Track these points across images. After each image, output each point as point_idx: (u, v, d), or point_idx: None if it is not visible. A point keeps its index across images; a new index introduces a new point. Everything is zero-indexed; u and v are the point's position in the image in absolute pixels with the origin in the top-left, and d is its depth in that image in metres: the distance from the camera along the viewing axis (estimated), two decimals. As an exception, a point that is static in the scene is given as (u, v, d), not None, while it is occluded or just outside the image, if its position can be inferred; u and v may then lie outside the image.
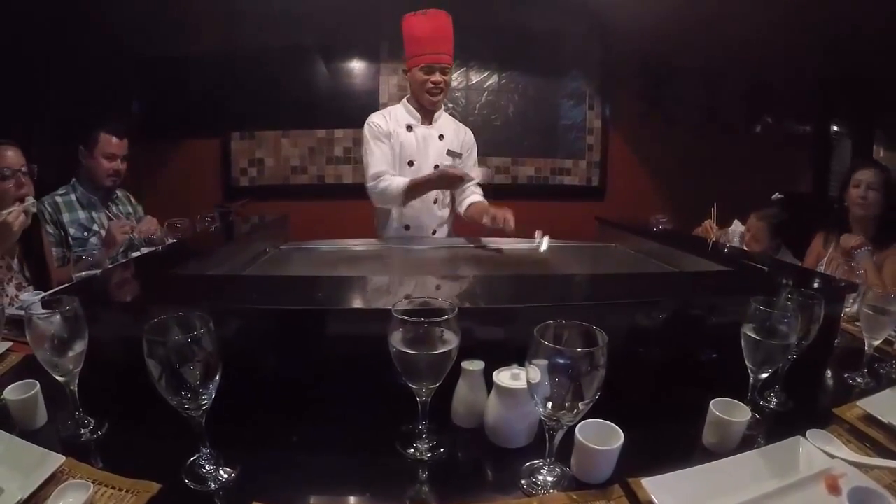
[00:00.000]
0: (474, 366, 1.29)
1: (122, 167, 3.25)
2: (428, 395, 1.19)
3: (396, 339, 1.12)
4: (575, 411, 1.04)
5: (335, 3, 4.80)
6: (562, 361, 1.01)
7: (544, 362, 1.02)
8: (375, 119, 3.16)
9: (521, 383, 1.16)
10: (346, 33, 5.02)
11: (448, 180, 2.95)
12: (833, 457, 1.18)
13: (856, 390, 1.61)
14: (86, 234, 3.12)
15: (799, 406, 1.48)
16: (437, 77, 3.04)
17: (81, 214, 3.15)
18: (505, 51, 5.25)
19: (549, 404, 1.04)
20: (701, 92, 5.55)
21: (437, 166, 3.12)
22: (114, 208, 3.35)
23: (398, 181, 3.01)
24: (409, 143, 3.15)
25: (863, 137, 5.91)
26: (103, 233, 3.10)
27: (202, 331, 1.05)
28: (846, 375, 1.69)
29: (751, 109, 5.77)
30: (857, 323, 1.87)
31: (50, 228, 3.03)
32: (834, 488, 1.10)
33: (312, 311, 1.45)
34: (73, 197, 3.16)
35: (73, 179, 3.23)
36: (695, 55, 5.31)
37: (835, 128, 6.13)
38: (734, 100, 5.62)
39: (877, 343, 1.69)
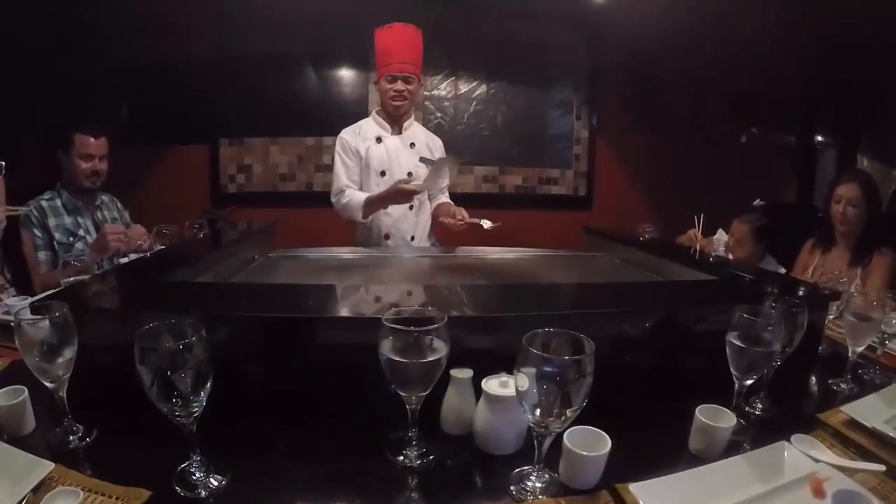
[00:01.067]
0: (463, 374, 1.30)
1: (101, 167, 3.19)
2: (417, 403, 1.19)
3: (386, 348, 1.13)
4: (563, 418, 1.05)
5: (325, 11, 4.80)
6: (550, 369, 1.02)
7: (532, 370, 1.03)
8: (345, 135, 3.27)
9: (510, 391, 1.17)
10: (336, 41, 5.02)
11: (400, 195, 2.98)
12: (818, 461, 1.20)
13: (840, 396, 1.63)
14: (71, 239, 3.08)
15: (784, 412, 1.49)
16: (400, 85, 3.10)
17: (67, 220, 3.11)
18: (493, 61, 5.26)
19: (538, 411, 1.05)
20: (687, 102, 5.58)
21: (410, 174, 3.21)
22: (99, 214, 3.31)
23: (358, 196, 3.12)
24: (380, 154, 3.22)
25: (847, 147, 5.96)
26: (89, 238, 3.07)
27: (194, 338, 1.05)
28: (830, 381, 1.71)
29: (737, 120, 5.80)
30: (840, 330, 1.89)
31: (38, 232, 3.00)
32: (819, 492, 1.11)
33: (302, 319, 1.45)
34: (58, 202, 3.12)
35: (59, 184, 3.18)
36: (681, 66, 5.35)
37: (819, 138, 6.18)
38: (720, 110, 5.65)
39: (860, 349, 1.71)
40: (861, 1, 4.30)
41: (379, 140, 3.23)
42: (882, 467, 1.19)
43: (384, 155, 3.21)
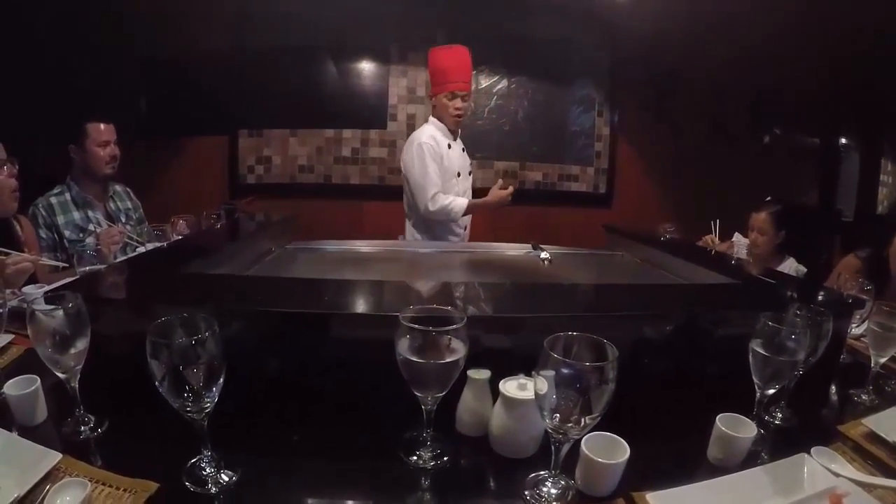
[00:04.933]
0: (480, 375, 1.28)
1: (117, 152, 3.19)
2: (434, 404, 1.18)
3: (403, 347, 1.11)
4: (582, 424, 1.03)
5: (346, 4, 4.80)
6: (571, 374, 1.00)
7: (552, 374, 1.01)
8: (428, 140, 3.42)
9: (528, 394, 1.16)
10: (356, 34, 5.02)
11: (501, 201, 3.44)
12: (838, 475, 1.17)
13: (861, 407, 1.60)
14: (81, 234, 3.07)
15: (804, 422, 1.47)
16: (460, 103, 3.42)
17: (76, 215, 3.10)
18: (514, 56, 5.24)
19: (557, 417, 1.03)
20: (708, 101, 5.52)
21: (470, 172, 3.73)
22: (112, 204, 3.31)
23: (459, 202, 3.42)
24: (454, 157, 3.53)
25: (870, 150, 5.89)
26: (100, 230, 3.07)
27: (207, 333, 1.04)
28: (851, 392, 1.68)
29: (758, 120, 5.75)
30: (863, 339, 1.86)
31: (42, 233, 2.99)
32: (839, 507, 1.09)
33: (318, 315, 1.44)
34: (67, 197, 3.11)
35: (68, 178, 3.16)
36: (703, 65, 5.30)
37: (842, 140, 6.10)
38: (741, 110, 5.60)
39: (883, 360, 1.67)
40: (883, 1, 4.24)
41: (449, 146, 3.50)
42: (902, 484, 1.17)
43: (456, 158, 3.54)
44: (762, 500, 1.11)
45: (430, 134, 3.46)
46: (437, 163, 3.40)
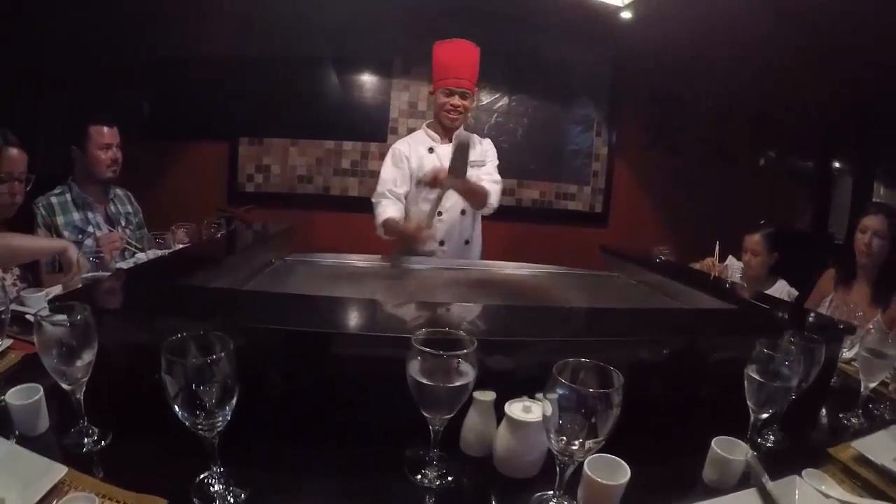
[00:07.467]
0: (486, 396, 1.30)
1: (118, 155, 3.19)
2: (441, 425, 1.19)
3: (414, 369, 1.13)
4: (587, 447, 1.05)
5: (350, 15, 4.82)
6: (578, 399, 1.02)
7: (560, 399, 1.03)
8: (398, 145, 3.37)
9: (532, 416, 1.19)
10: (360, 46, 5.03)
11: (417, 241, 3.11)
12: (828, 496, 1.20)
13: (850, 430, 1.63)
14: (80, 236, 3.06)
15: (795, 444, 1.50)
16: (456, 100, 3.20)
17: (76, 216, 3.09)
18: (516, 74, 5.26)
19: (563, 439, 1.05)
20: (707, 124, 5.56)
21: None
22: (112, 207, 3.31)
23: (382, 213, 3.21)
24: (432, 162, 3.24)
25: (864, 175, 5.93)
26: (98, 233, 3.08)
27: (222, 353, 1.05)
28: (841, 415, 1.71)
29: (755, 143, 5.78)
30: (854, 363, 1.89)
31: (41, 232, 2.99)
32: (828, 528, 1.11)
33: (328, 334, 1.44)
34: (68, 197, 3.11)
35: (70, 179, 3.16)
36: (702, 88, 5.35)
37: (836, 164, 6.14)
38: (740, 133, 5.63)
39: (873, 385, 1.71)
40: (883, 26, 4.29)
41: (431, 150, 3.32)
42: (889, 505, 1.20)
43: (436, 163, 3.22)
44: (755, 521, 1.14)
45: (407, 140, 3.41)
46: (397, 166, 3.29)
